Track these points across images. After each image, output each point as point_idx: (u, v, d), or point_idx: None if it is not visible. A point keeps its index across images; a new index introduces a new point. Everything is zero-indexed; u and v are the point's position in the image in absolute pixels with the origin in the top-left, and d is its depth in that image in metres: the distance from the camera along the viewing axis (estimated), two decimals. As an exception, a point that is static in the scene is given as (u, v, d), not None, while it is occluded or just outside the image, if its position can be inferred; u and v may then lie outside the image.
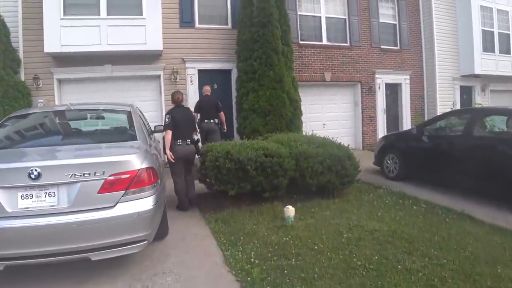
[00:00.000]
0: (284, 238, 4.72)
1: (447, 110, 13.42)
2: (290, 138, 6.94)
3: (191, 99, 10.23)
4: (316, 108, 12.21)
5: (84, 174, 3.48)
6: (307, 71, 11.82)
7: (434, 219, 5.49)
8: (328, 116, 12.55)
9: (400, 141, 8.43)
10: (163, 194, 4.43)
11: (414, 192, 7.05)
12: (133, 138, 4.40)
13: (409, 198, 6.60)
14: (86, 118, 5.05)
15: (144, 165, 3.79)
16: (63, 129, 4.82)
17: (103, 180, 3.54)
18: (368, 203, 6.31)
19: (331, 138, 7.39)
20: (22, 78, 9.60)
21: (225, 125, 9.18)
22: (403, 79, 13.59)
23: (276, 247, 4.50)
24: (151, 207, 3.76)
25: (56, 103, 9.75)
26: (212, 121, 8.88)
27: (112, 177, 3.58)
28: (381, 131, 13.07)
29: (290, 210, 5.31)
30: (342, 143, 7.22)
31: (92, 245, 3.48)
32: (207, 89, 9.37)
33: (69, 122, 4.95)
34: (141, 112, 6.33)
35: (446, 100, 13.81)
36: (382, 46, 13.15)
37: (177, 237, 4.99)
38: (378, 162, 8.96)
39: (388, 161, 8.51)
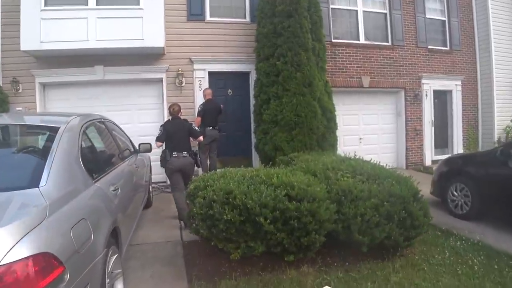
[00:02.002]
0: None
1: (508, 123, 11.01)
2: (326, 164, 4.61)
3: (200, 107, 8.01)
4: (352, 119, 9.78)
5: None
6: (341, 75, 9.43)
7: None
8: (365, 129, 10.10)
9: (474, 167, 5.92)
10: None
11: (501, 243, 4.68)
12: (34, 181, 2.19)
13: (503, 258, 4.21)
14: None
15: (24, 252, 1.65)
16: None
17: None
18: (445, 269, 3.90)
19: (369, 157, 5.24)
20: (0, 81, 7.70)
21: None
22: (454, 85, 10.98)
23: None
24: None
25: (38, 110, 7.77)
26: (216, 128, 7.63)
27: None
28: (428, 147, 10.52)
29: (329, 297, 3.00)
30: (388, 166, 4.86)
31: None
32: (210, 92, 7.73)
33: None
34: (107, 126, 4.19)
35: (504, 110, 11.08)
36: (429, 46, 10.60)
37: None
38: (438, 192, 6.50)
39: (455, 193, 6.04)
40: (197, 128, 5.66)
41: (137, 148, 5.34)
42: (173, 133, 5.47)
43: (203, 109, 7.38)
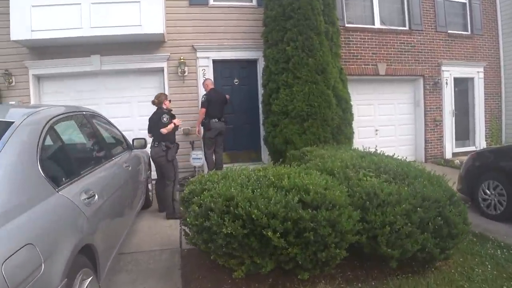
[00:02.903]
0: None
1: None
2: (345, 161, 3.95)
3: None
4: (367, 109, 9.04)
5: None
6: (355, 62, 8.70)
7: None
8: (381, 119, 9.36)
9: (509, 161, 5.23)
10: None
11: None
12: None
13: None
14: None
15: None
16: None
17: None
18: (489, 287, 3.23)
19: (386, 150, 4.74)
20: (-9, 74, 7.16)
21: None
22: (476, 72, 10.14)
23: None
24: None
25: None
26: (223, 119, 6.95)
27: None
28: (449, 138, 9.74)
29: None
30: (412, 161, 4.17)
31: None
32: (211, 81, 7.10)
33: None
34: (90, 121, 3.57)
35: (530, 98, 10.29)
36: (449, 31, 9.76)
37: None
38: (466, 190, 5.77)
39: (487, 191, 5.33)
40: (165, 120, 5.17)
41: (131, 144, 4.76)
42: (151, 125, 5.41)
43: (207, 99, 6.72)
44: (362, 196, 3.18)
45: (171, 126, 5.18)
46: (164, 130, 5.08)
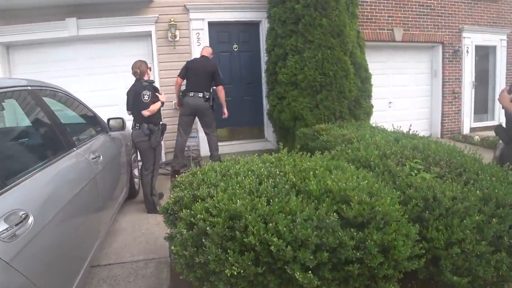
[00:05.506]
0: None
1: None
2: (382, 148, 3.01)
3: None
4: (380, 79, 7.88)
5: None
6: (369, 26, 7.58)
7: None
8: (395, 91, 8.34)
9: None
10: None
11: None
12: None
13: None
14: None
15: None
16: None
17: None
18: None
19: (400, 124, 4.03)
20: (-46, 42, 6.07)
21: (225, 107, 5.78)
22: (499, 40, 9.04)
23: None
24: None
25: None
26: (200, 95, 5.46)
27: None
28: (467, 112, 8.78)
29: None
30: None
31: None
32: (207, 50, 5.81)
33: None
34: (39, 101, 2.58)
35: (555, 69, 9.27)
36: (473, -7, 8.68)
37: None
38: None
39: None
40: (146, 98, 4.04)
41: (106, 125, 3.78)
42: (132, 101, 4.31)
43: (185, 67, 5.59)
44: (418, 202, 2.25)
45: (155, 107, 4.13)
46: (146, 113, 4.04)
